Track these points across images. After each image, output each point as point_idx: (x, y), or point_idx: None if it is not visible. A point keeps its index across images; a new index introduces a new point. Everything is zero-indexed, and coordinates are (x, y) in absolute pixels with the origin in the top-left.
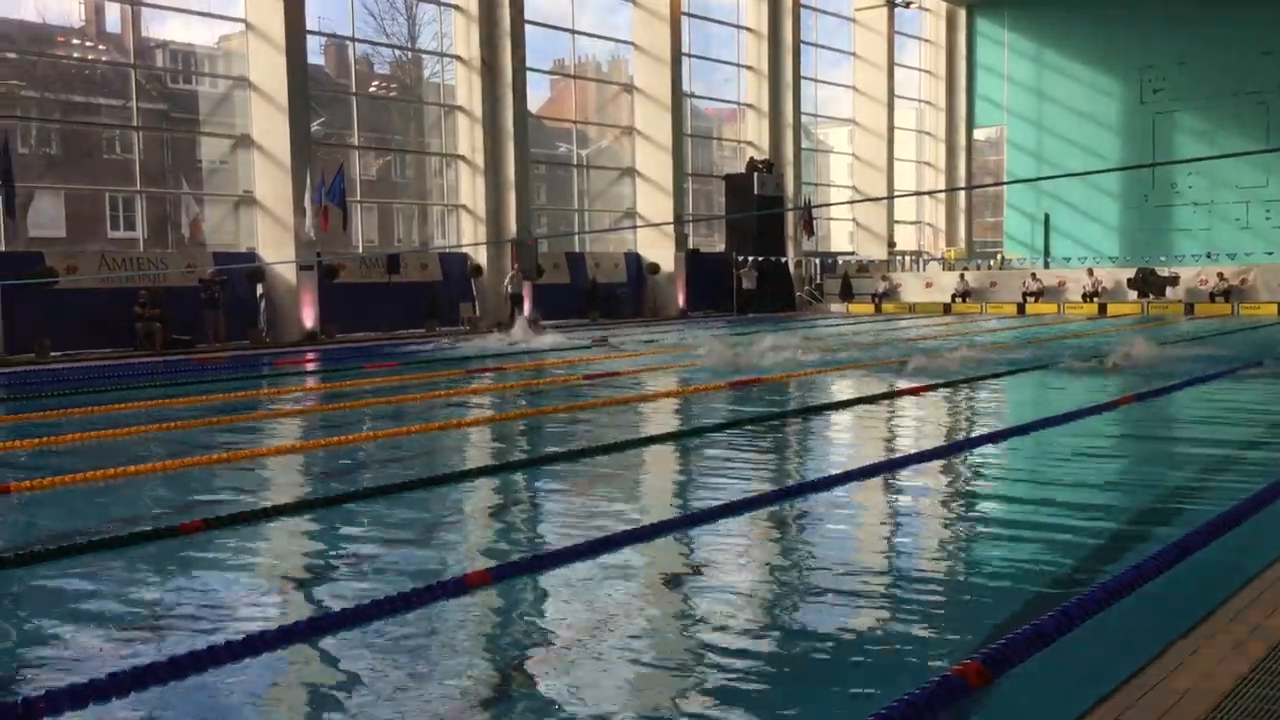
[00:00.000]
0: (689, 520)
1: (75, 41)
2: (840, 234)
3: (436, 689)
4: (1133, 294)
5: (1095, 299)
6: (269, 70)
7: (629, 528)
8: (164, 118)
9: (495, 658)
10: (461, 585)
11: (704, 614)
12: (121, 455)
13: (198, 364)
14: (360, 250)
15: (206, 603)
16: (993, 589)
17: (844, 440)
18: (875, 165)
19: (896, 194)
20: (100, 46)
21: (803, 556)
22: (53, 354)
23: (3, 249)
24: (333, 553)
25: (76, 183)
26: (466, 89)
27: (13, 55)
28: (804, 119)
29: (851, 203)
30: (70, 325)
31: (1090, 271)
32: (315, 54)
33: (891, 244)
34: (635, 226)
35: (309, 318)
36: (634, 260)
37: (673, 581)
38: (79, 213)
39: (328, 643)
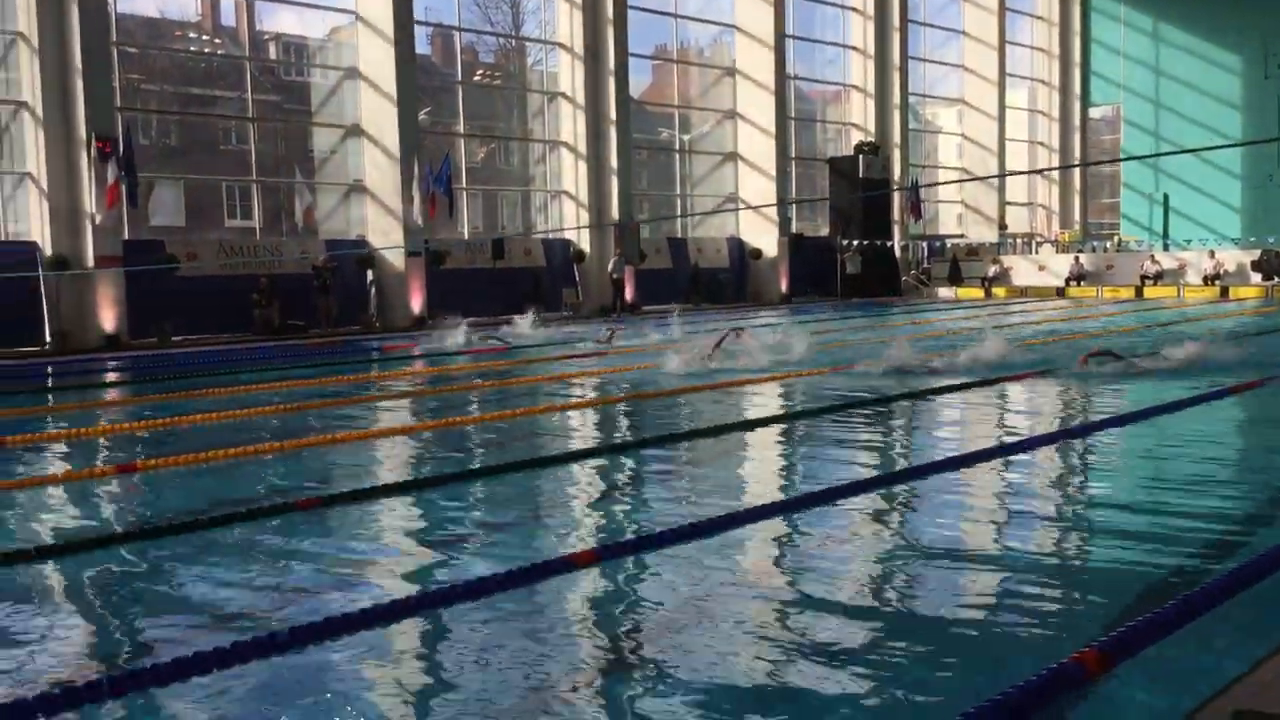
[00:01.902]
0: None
1: (192, 35)
2: (949, 217)
3: (542, 664)
4: (1256, 276)
5: (1216, 282)
6: (378, 61)
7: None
8: (277, 109)
9: (599, 635)
10: (568, 563)
11: (810, 596)
12: (241, 435)
13: (311, 348)
14: (466, 236)
15: (322, 576)
16: (1115, 576)
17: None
18: (986, 146)
19: (1007, 173)
20: (216, 40)
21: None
22: (173, 338)
23: (126, 237)
24: (442, 530)
25: (195, 173)
26: (569, 75)
27: (133, 49)
28: (911, 99)
29: (961, 181)
30: (190, 311)
31: (1212, 254)
32: (422, 44)
33: (1003, 226)
34: (738, 208)
35: (416, 303)
36: (736, 245)
37: (779, 563)
38: (198, 202)
39: (437, 617)
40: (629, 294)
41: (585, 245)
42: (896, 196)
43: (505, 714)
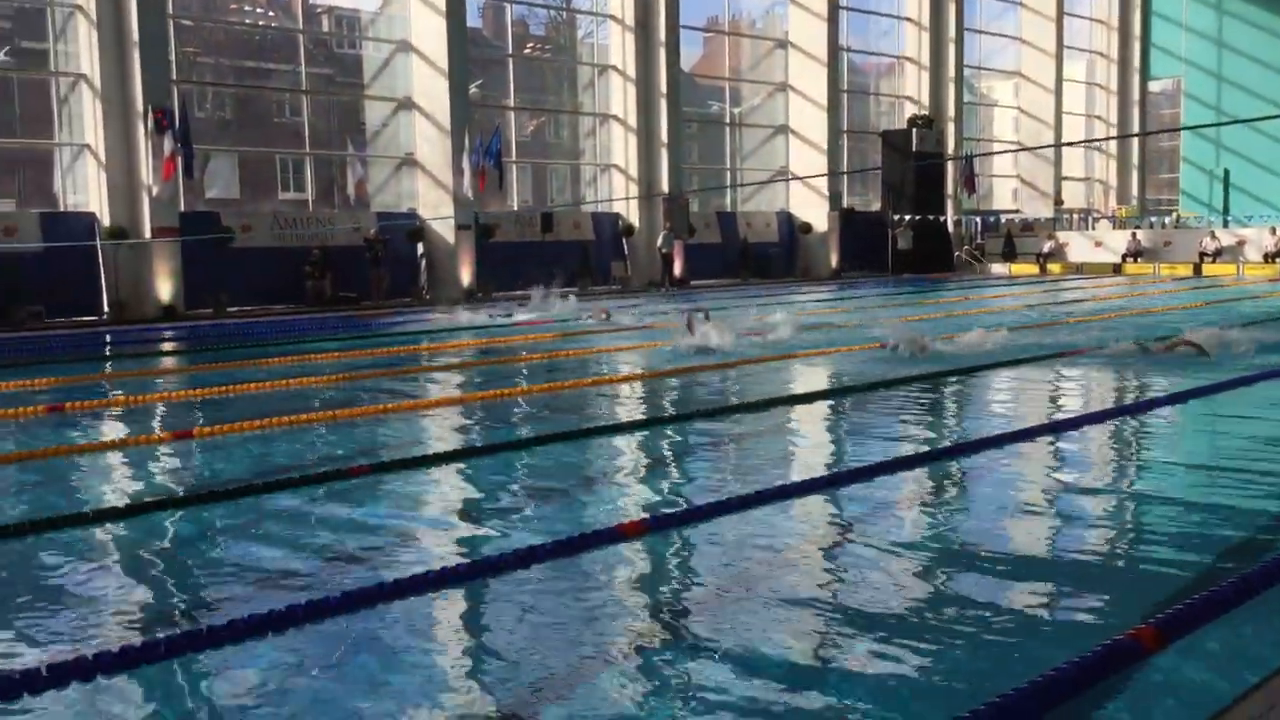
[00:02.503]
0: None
1: (247, 8)
2: (1004, 192)
3: (589, 632)
4: None
5: (1278, 259)
6: (430, 33)
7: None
8: (329, 82)
9: (645, 606)
10: (617, 534)
11: (858, 571)
12: (294, 404)
13: (363, 319)
14: (515, 209)
15: (371, 543)
16: (1170, 555)
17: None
18: (1042, 119)
19: (1063, 143)
20: (270, 13)
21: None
22: (228, 309)
23: (182, 209)
24: (491, 499)
25: (249, 146)
26: (620, 48)
27: (189, 22)
28: (966, 72)
29: (1015, 150)
30: (244, 281)
31: (1273, 230)
32: (474, 17)
33: (1058, 201)
34: (788, 179)
35: (466, 276)
36: (786, 219)
37: (827, 537)
38: (252, 175)
39: (487, 585)
40: (677, 268)
41: (634, 219)
42: (950, 170)
43: (551, 684)
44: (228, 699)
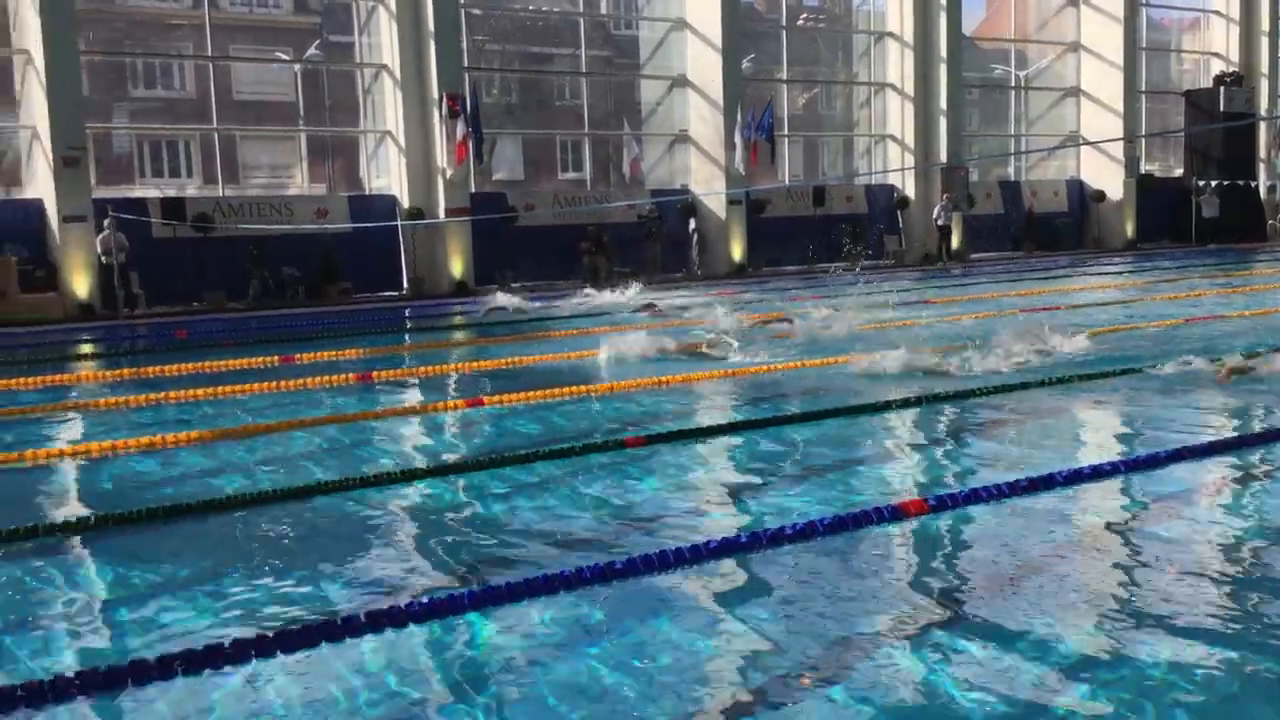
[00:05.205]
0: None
1: None
2: None
3: (857, 608)
4: None
5: None
6: (704, 9)
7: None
8: (608, 64)
9: (925, 586)
10: (897, 512)
11: (1146, 559)
12: (575, 376)
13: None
14: (786, 184)
15: (647, 512)
16: None
17: None
18: None
19: None
20: None
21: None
22: (512, 285)
23: (473, 190)
24: (766, 473)
25: (532, 128)
26: (898, 14)
27: (478, 11)
28: None
29: None
30: (527, 259)
31: None
32: None
33: None
34: (1079, 143)
35: (737, 251)
36: (1076, 187)
37: (1114, 524)
38: (534, 156)
39: (764, 555)
40: (955, 241)
41: (910, 191)
42: (1263, 131)
43: (820, 661)
44: (516, 651)
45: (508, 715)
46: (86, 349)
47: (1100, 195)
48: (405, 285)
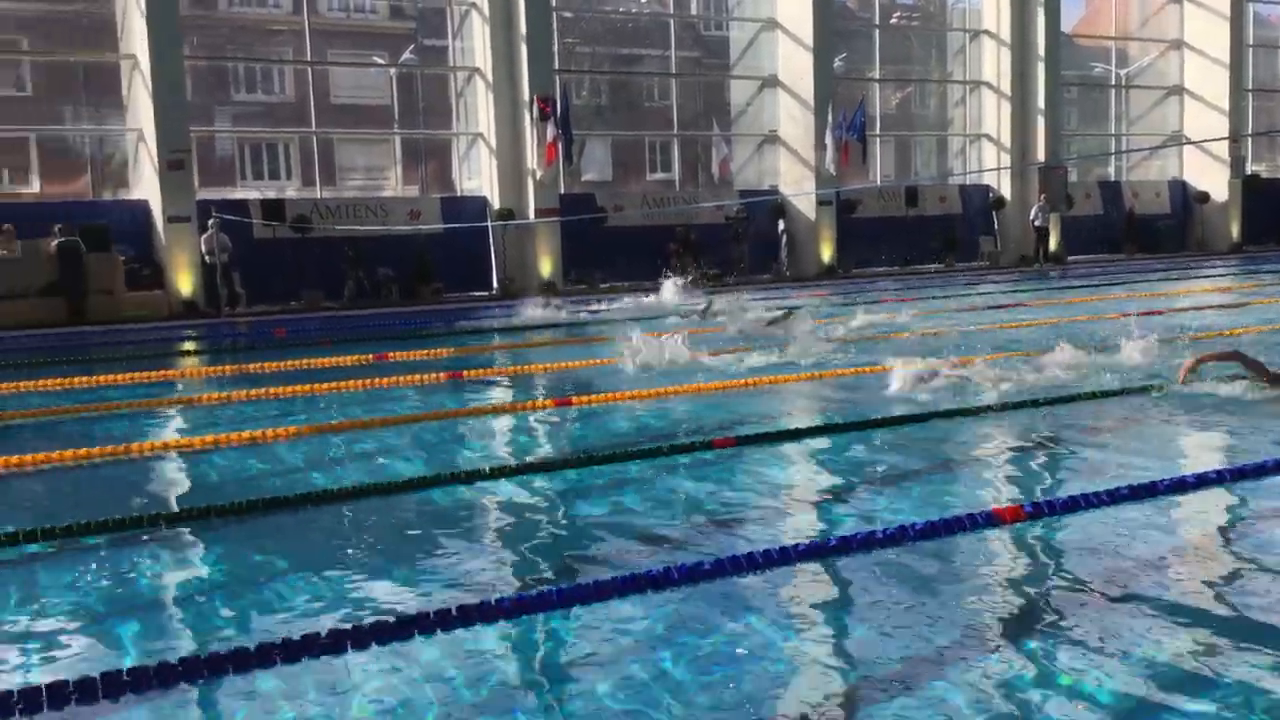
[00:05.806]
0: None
1: None
2: None
3: (946, 614)
4: None
5: None
6: (796, 9)
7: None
8: (697, 64)
9: (1016, 594)
10: (991, 518)
11: (1249, 570)
12: (661, 380)
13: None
14: (878, 184)
15: (731, 514)
16: None
17: None
18: None
19: None
20: (643, 0)
21: None
22: (600, 285)
23: (562, 191)
24: (852, 477)
25: (622, 130)
26: (994, 11)
27: (569, 14)
28: None
29: None
30: (615, 259)
31: None
32: None
33: None
34: (1182, 143)
35: (826, 252)
36: (1179, 188)
37: (1209, 537)
38: (624, 157)
39: (850, 561)
40: (1053, 243)
41: (1005, 191)
42: None
43: (910, 669)
44: (600, 647)
45: (590, 713)
46: (190, 346)
47: (1204, 196)
48: (495, 285)
